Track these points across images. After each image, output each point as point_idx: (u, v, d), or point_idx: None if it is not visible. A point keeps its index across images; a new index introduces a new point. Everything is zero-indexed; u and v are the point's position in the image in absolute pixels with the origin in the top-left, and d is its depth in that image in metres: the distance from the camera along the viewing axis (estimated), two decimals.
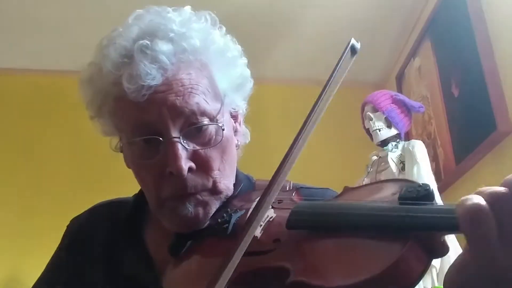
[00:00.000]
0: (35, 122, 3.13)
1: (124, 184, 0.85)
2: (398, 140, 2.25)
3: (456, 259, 0.49)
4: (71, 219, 0.97)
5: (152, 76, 0.71)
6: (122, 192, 0.98)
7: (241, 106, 0.87)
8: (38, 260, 1.17)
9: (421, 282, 2.08)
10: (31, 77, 3.20)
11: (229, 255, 0.55)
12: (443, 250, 0.51)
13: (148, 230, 0.88)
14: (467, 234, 0.45)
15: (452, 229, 0.48)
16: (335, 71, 0.63)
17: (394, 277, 0.48)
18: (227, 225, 0.72)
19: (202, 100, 0.74)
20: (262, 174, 0.92)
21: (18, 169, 3.01)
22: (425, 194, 0.52)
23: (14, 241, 2.84)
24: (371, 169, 2.26)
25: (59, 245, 0.94)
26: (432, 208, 0.51)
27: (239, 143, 0.87)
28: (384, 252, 0.50)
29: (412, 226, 0.50)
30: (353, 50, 0.66)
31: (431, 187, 0.53)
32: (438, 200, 1.82)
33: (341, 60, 0.64)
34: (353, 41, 0.66)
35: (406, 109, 2.26)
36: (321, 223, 0.60)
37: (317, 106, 0.63)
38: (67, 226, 0.96)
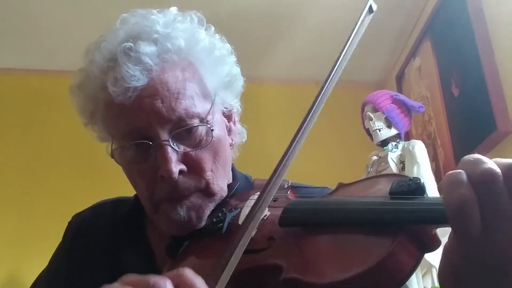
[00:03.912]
0: (35, 122, 3.13)
1: (125, 185, 0.85)
2: (398, 140, 2.25)
3: (444, 245, 0.50)
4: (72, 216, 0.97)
5: (137, 78, 0.71)
6: (122, 193, 0.98)
7: (234, 105, 0.87)
8: (38, 261, 1.17)
9: (421, 282, 2.08)
10: (31, 77, 3.20)
11: (227, 256, 0.55)
12: (434, 243, 0.51)
13: (150, 228, 0.88)
14: (446, 203, 0.46)
15: (441, 222, 0.48)
16: (354, 31, 0.65)
17: (385, 271, 0.49)
18: (221, 224, 0.72)
19: (189, 105, 0.74)
20: (261, 174, 0.92)
21: (18, 169, 3.01)
22: (415, 188, 0.53)
23: (14, 242, 2.84)
24: (371, 169, 2.26)
25: (61, 242, 0.95)
26: (420, 202, 0.51)
27: (233, 142, 0.87)
28: (375, 247, 0.50)
29: (402, 220, 0.51)
30: (371, 10, 0.68)
31: (422, 180, 0.53)
32: (434, 194, 1.80)
33: (360, 20, 0.65)
34: (371, 1, 0.68)
35: (406, 109, 2.26)
36: (312, 219, 0.60)
37: (336, 67, 0.64)
38: (69, 223, 0.96)
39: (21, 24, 2.86)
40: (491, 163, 0.45)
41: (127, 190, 0.91)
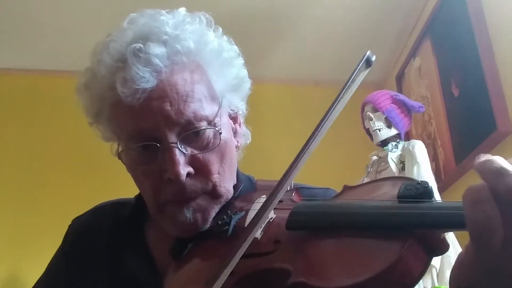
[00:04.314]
0: (35, 122, 3.13)
1: (125, 184, 0.85)
2: (398, 140, 2.25)
3: (459, 255, 0.49)
4: (72, 219, 0.97)
5: (146, 79, 0.71)
6: (123, 192, 0.98)
7: (240, 107, 0.86)
8: (38, 261, 1.17)
9: (421, 282, 2.09)
10: (31, 77, 3.20)
11: (227, 257, 0.55)
12: (443, 247, 0.51)
13: (150, 231, 0.88)
14: (469, 219, 0.44)
15: (451, 227, 0.48)
16: (348, 83, 0.64)
17: (394, 276, 0.48)
18: (227, 227, 0.72)
19: (198, 107, 0.74)
20: (261, 174, 0.92)
21: (18, 169, 3.01)
22: (423, 192, 0.52)
23: (14, 242, 2.84)
24: (371, 169, 2.25)
25: (61, 245, 0.94)
26: (430, 206, 0.51)
27: (239, 144, 0.87)
28: (384, 252, 0.50)
29: (411, 225, 0.50)
30: (368, 63, 0.66)
31: (430, 184, 0.53)
32: (438, 198, 1.79)
33: (356, 71, 0.64)
34: (369, 53, 0.66)
35: (406, 109, 2.26)
36: (320, 223, 0.60)
37: (328, 115, 0.63)
38: (69, 226, 0.96)
39: (21, 24, 2.86)
40: None
41: (128, 190, 0.91)
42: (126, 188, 0.96)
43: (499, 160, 0.45)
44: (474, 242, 0.45)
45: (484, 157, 0.47)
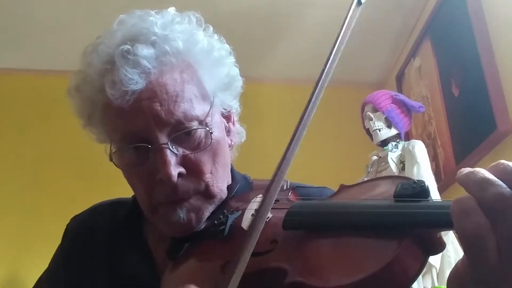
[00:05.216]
0: (35, 122, 3.13)
1: (124, 184, 0.85)
2: (398, 140, 2.25)
3: (455, 268, 0.49)
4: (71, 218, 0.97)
5: (135, 81, 0.71)
6: (122, 192, 0.98)
7: (233, 106, 0.86)
8: (38, 261, 1.17)
9: (421, 282, 2.08)
10: (31, 77, 3.20)
11: (237, 261, 0.55)
12: (439, 247, 0.51)
13: (149, 229, 0.88)
14: (460, 232, 0.44)
15: (447, 226, 0.47)
16: (344, 26, 0.64)
17: (391, 275, 0.48)
18: (223, 227, 0.72)
19: (188, 107, 0.73)
20: (261, 174, 0.91)
21: (18, 169, 3.02)
22: (420, 191, 0.52)
23: (14, 241, 2.84)
24: (371, 169, 2.26)
25: (60, 245, 0.94)
26: (426, 205, 0.51)
27: (232, 143, 0.87)
28: (380, 251, 0.50)
29: (407, 224, 0.50)
30: (359, 2, 0.67)
31: (426, 183, 0.53)
32: (436, 197, 1.79)
33: (349, 13, 0.65)
34: None
35: (406, 109, 2.26)
36: (317, 223, 0.60)
37: (322, 77, 0.63)
38: (67, 226, 0.96)
39: (21, 24, 2.86)
40: (499, 186, 0.43)
41: (129, 190, 0.91)
42: (126, 188, 0.96)
43: (482, 171, 0.45)
44: (469, 255, 0.45)
45: (465, 170, 0.47)
